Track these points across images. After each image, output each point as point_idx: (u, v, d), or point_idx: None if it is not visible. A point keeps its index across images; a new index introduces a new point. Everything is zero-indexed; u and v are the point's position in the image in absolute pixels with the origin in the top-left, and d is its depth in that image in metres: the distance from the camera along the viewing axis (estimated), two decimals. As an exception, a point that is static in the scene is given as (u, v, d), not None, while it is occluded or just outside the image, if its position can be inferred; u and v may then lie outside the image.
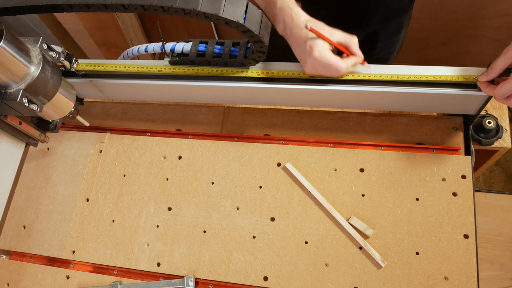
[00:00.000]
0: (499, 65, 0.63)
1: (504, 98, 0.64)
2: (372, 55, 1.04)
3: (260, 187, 0.84)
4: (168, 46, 0.81)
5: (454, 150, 0.81)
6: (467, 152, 0.81)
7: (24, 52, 0.63)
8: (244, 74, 0.79)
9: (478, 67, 0.73)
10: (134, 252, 0.85)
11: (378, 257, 0.74)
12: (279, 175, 0.84)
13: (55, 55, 0.71)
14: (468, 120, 0.83)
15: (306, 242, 0.79)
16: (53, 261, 0.89)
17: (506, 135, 0.84)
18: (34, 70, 0.64)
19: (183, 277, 0.81)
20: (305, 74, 0.76)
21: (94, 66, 0.84)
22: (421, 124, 0.85)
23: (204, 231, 0.83)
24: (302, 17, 0.68)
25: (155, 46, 0.83)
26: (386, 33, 1.01)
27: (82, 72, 0.86)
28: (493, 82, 0.66)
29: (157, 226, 0.86)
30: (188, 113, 0.96)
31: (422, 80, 0.72)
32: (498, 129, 0.84)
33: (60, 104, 0.73)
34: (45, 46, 0.68)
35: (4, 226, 0.93)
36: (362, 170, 0.81)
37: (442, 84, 0.72)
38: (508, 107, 0.93)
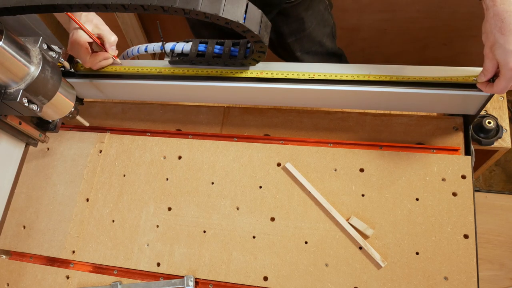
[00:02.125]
0: (488, 66, 0.64)
1: (505, 92, 0.65)
2: (290, 53, 1.08)
3: (260, 187, 0.84)
4: (168, 46, 0.81)
5: (454, 150, 0.81)
6: (467, 152, 0.81)
7: (24, 52, 0.63)
8: (244, 75, 0.79)
9: (478, 67, 0.73)
10: (134, 252, 0.85)
11: (378, 257, 0.74)
12: (279, 175, 0.84)
13: (55, 55, 0.71)
14: (468, 120, 0.83)
15: (306, 242, 0.79)
16: (53, 261, 0.89)
17: (506, 135, 0.84)
18: (34, 70, 0.64)
19: (183, 277, 0.81)
20: (304, 74, 0.76)
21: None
22: (421, 124, 0.85)
23: (204, 231, 0.83)
24: None
25: (155, 46, 0.83)
26: (290, 28, 1.04)
27: (81, 72, 0.86)
28: (492, 80, 0.66)
29: (157, 226, 0.86)
30: (188, 113, 0.96)
31: (422, 80, 0.72)
32: (498, 129, 0.84)
33: (60, 104, 0.73)
34: (45, 46, 0.68)
35: (4, 226, 0.93)
36: (362, 170, 0.81)
37: (442, 84, 0.72)
38: (508, 107, 0.93)
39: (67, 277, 0.86)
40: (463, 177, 0.77)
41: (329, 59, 1.14)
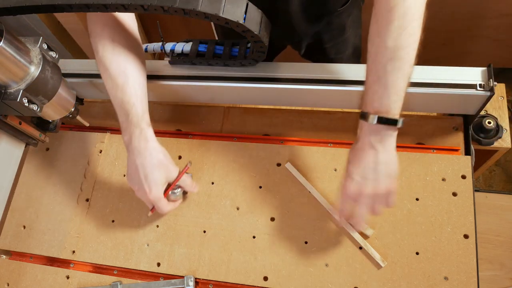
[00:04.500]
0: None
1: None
2: (324, 56, 1.08)
3: (260, 187, 0.84)
4: (168, 46, 0.81)
5: (454, 150, 0.81)
6: (467, 152, 0.81)
7: (24, 52, 0.63)
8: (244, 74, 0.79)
9: (478, 67, 0.73)
10: (134, 252, 0.85)
11: (378, 257, 0.74)
12: (279, 175, 0.84)
13: (55, 55, 0.71)
14: (468, 120, 0.83)
15: (306, 242, 0.79)
16: (53, 261, 0.89)
17: (506, 135, 0.84)
18: (34, 70, 0.64)
19: (183, 277, 0.81)
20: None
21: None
22: (421, 124, 0.85)
23: (204, 231, 0.83)
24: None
25: (155, 46, 0.83)
26: (331, 35, 1.04)
27: (83, 72, 0.85)
28: None
29: (157, 226, 0.86)
30: (188, 113, 0.96)
31: (422, 80, 0.72)
32: (498, 129, 0.84)
33: (60, 104, 0.73)
34: (45, 46, 0.68)
35: (4, 226, 0.93)
36: (362, 170, 0.81)
37: (442, 84, 0.72)
38: (508, 107, 0.93)
39: (67, 277, 0.86)
40: (463, 177, 0.77)
41: (352, 57, 1.13)
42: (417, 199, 0.77)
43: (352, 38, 1.08)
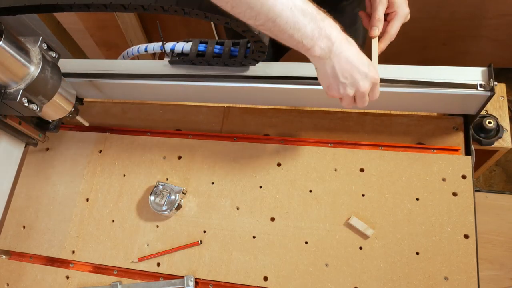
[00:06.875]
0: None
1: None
2: None
3: (260, 187, 0.84)
4: (168, 46, 0.81)
5: (454, 150, 0.81)
6: (467, 152, 0.81)
7: (24, 52, 0.63)
8: (244, 74, 0.78)
9: (478, 67, 0.73)
10: (134, 252, 0.85)
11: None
12: (279, 175, 0.84)
13: (55, 55, 0.71)
14: (468, 120, 0.83)
15: (306, 242, 0.79)
16: (53, 261, 0.89)
17: (506, 135, 0.84)
18: (34, 70, 0.64)
19: (183, 277, 0.81)
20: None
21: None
22: (421, 124, 0.85)
23: (204, 231, 0.83)
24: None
25: (155, 46, 0.82)
26: (343, 24, 1.04)
27: (83, 72, 0.85)
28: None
29: (157, 226, 0.86)
30: (188, 113, 0.96)
31: (422, 80, 0.72)
32: (498, 129, 0.84)
33: (60, 104, 0.73)
34: (45, 46, 0.68)
35: (4, 226, 0.93)
36: (362, 170, 0.81)
37: (442, 84, 0.72)
38: (508, 107, 0.93)
39: (67, 277, 0.86)
40: (464, 177, 0.77)
41: (360, 48, 1.13)
42: (417, 199, 0.77)
43: (361, 27, 1.09)
